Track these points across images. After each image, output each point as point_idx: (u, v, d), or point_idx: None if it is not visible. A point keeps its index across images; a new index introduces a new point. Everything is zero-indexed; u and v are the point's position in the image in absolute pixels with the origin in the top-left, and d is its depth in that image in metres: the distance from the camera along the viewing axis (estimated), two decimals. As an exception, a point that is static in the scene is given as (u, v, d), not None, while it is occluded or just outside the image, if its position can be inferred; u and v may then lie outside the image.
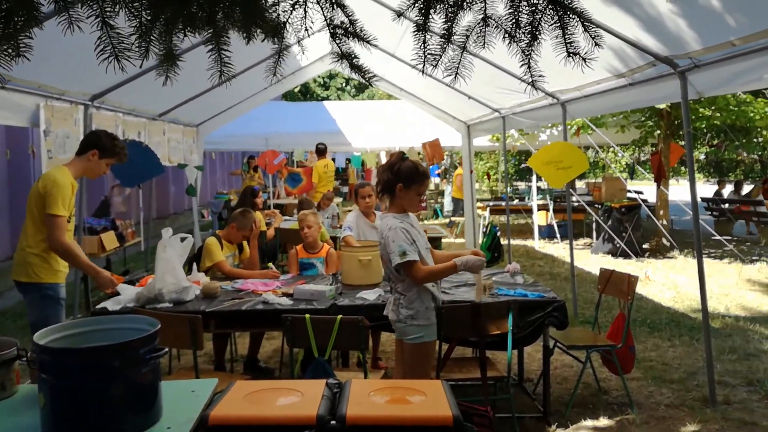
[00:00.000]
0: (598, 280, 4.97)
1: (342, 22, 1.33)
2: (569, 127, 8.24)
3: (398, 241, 3.12)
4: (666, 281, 8.62)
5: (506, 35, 1.23)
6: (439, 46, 1.26)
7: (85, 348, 1.95)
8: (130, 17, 1.19)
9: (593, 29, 1.22)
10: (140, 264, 9.47)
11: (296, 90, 29.93)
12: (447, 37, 1.23)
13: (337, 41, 1.35)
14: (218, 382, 2.44)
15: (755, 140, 12.68)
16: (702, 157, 32.72)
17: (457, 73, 1.29)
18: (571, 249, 7.13)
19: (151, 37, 1.21)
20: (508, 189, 11.33)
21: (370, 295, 3.98)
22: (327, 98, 32.07)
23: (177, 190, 14.66)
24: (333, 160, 18.54)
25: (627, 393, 4.44)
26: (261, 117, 12.53)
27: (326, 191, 9.29)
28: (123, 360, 1.90)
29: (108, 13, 1.16)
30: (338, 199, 14.14)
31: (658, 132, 11.40)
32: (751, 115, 10.09)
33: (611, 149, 19.39)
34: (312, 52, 8.78)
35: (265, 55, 7.54)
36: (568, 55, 1.24)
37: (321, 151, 10.51)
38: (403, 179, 3.25)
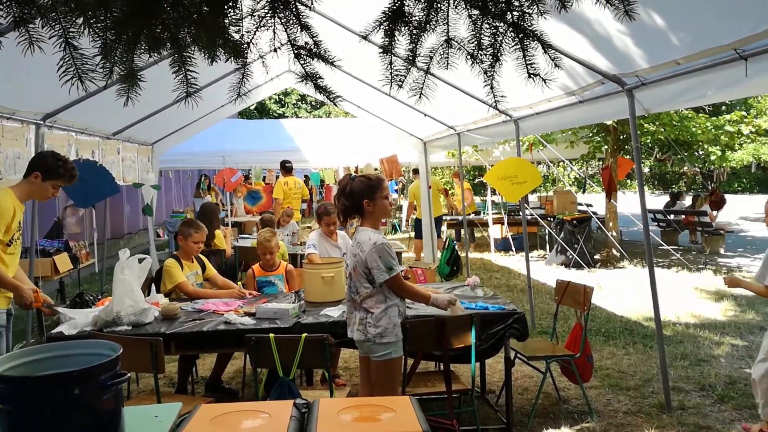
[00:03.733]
0: (555, 291, 5.08)
1: (306, 43, 1.35)
2: (522, 143, 8.45)
3: (384, 257, 3.18)
4: (618, 291, 8.85)
5: (469, 56, 1.28)
6: (404, 68, 1.29)
7: (44, 375, 1.88)
8: (93, 37, 1.18)
9: (552, 51, 1.27)
10: (95, 286, 9.21)
11: (252, 108, 29.74)
12: (411, 58, 1.27)
13: (302, 62, 1.37)
14: (182, 406, 2.40)
15: (696, 154, 13.24)
16: (647, 170, 33.95)
17: (421, 94, 1.33)
18: (527, 261, 7.27)
19: (115, 58, 1.20)
20: (464, 203, 11.52)
21: (333, 312, 3.97)
22: (283, 115, 31.98)
23: (132, 209, 14.34)
24: (306, 178, 18.51)
25: (586, 401, 4.53)
26: (218, 135, 12.41)
27: (286, 208, 9.25)
28: (84, 387, 1.84)
29: (71, 33, 1.15)
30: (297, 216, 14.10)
31: (606, 147, 11.78)
32: (693, 129, 10.54)
33: (561, 164, 19.94)
34: (268, 70, 8.76)
35: (221, 74, 7.50)
36: (529, 77, 1.29)
37: (288, 169, 10.49)
38: (364, 195, 3.28)
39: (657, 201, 20.20)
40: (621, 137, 11.56)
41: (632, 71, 4.09)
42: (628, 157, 11.46)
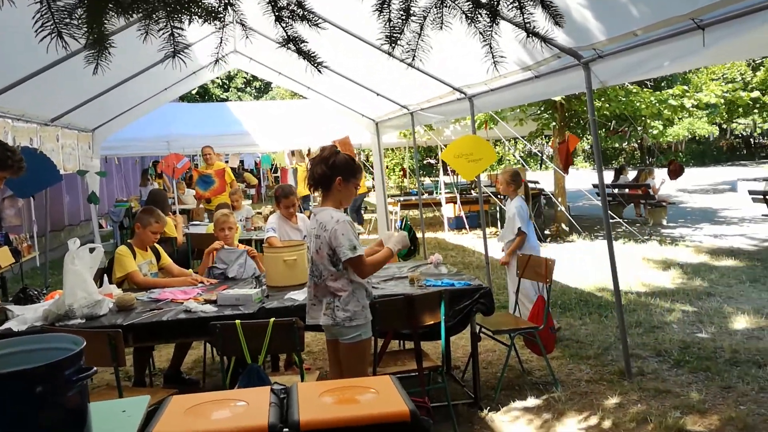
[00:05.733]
0: (517, 265, 5.13)
1: (288, 3, 1.26)
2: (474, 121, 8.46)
3: (348, 235, 3.06)
4: (570, 264, 9.04)
5: (463, 15, 1.21)
6: (398, 26, 1.21)
7: (4, 373, 1.74)
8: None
9: (553, 8, 1.22)
10: (38, 280, 8.78)
11: (194, 92, 28.91)
12: (405, 16, 1.19)
13: (283, 24, 1.27)
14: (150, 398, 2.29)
15: (638, 129, 13.58)
16: (588, 147, 34.85)
17: (414, 56, 1.25)
18: (485, 238, 7.34)
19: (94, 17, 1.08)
20: (419, 184, 11.53)
21: (298, 296, 3.88)
22: (227, 100, 31.24)
23: (72, 200, 13.73)
24: (256, 163, 18.06)
25: (551, 372, 4.61)
26: (161, 119, 11.97)
27: (231, 189, 9.05)
28: (47, 384, 1.72)
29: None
30: (248, 201, 13.81)
31: (554, 124, 11.96)
32: (638, 104, 10.79)
33: (511, 141, 20.18)
34: (213, 50, 8.48)
35: (164, 55, 7.19)
36: (528, 35, 1.23)
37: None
38: (341, 173, 3.17)
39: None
40: (567, 114, 11.76)
41: (589, 44, 4.11)
42: (570, 132, 11.65)
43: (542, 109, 12.07)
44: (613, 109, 10.74)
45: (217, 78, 32.80)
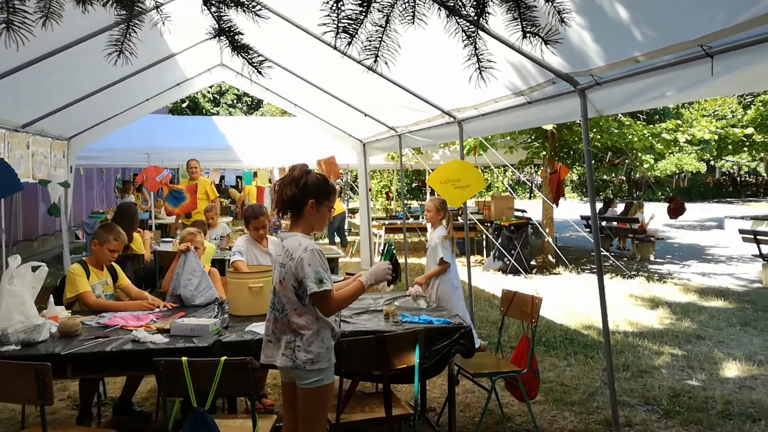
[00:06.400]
0: (501, 302, 4.82)
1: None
2: (463, 146, 8.21)
3: (315, 266, 2.71)
4: (555, 298, 8.74)
5: (443, 8, 0.92)
6: (355, 15, 0.92)
7: None
8: None
9: (558, 2, 0.93)
10: None
11: (184, 105, 28.66)
12: (365, 2, 0.90)
13: (213, 11, 0.98)
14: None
15: (627, 161, 13.41)
16: (575, 177, 34.88)
17: (377, 55, 0.96)
18: (469, 267, 7.01)
19: None
20: (404, 208, 11.26)
21: (260, 328, 3.52)
22: (217, 114, 31.02)
23: (47, 209, 13.30)
24: (238, 179, 17.65)
25: (533, 420, 4.27)
26: (143, 130, 11.61)
27: (211, 204, 8.69)
28: None
29: None
30: (228, 218, 13.43)
31: (544, 153, 11.77)
32: (630, 137, 10.62)
33: (499, 168, 20.02)
34: (199, 63, 8.21)
35: (147, 63, 6.89)
36: (525, 36, 0.95)
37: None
38: (314, 195, 2.84)
39: (586, 207, 20.62)
40: (557, 144, 11.59)
41: (587, 69, 3.85)
42: (560, 163, 11.46)
43: (533, 137, 11.90)
44: (605, 141, 10.56)
45: (208, 92, 32.58)
